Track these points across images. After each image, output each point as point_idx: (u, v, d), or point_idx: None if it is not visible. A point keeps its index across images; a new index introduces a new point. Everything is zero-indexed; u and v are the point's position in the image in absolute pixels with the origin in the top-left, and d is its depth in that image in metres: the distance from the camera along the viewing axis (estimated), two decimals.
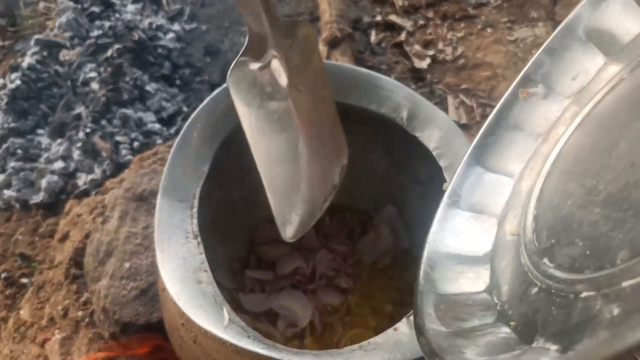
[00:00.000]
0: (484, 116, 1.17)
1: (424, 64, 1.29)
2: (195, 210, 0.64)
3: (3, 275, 1.12)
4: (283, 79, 0.56)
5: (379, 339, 0.53)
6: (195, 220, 0.63)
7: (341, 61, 1.19)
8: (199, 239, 0.62)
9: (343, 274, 0.85)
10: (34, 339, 0.94)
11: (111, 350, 0.80)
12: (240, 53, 0.56)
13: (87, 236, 0.97)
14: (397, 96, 0.72)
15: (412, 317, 0.55)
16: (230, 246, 0.88)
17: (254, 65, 0.57)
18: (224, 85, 0.70)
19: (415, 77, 1.28)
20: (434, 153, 0.68)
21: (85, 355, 0.87)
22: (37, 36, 1.43)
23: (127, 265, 0.89)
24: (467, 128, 1.15)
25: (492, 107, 1.16)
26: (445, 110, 1.19)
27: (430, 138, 0.69)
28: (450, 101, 1.21)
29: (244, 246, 0.90)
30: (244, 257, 0.89)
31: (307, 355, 0.50)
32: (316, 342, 0.80)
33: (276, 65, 0.55)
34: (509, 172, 0.52)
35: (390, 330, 0.54)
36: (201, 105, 0.69)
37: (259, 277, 0.85)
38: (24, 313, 1.00)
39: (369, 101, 0.72)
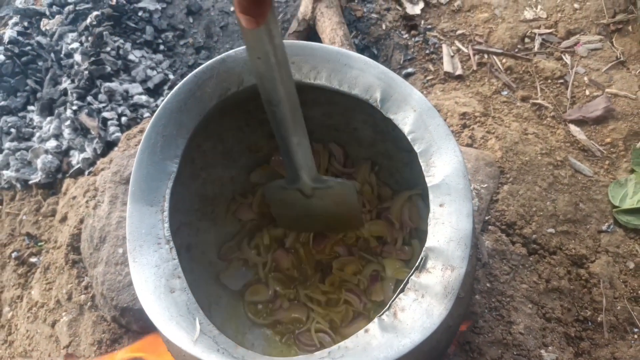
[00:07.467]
0: (481, 64, 1.09)
1: (417, 9, 1.18)
2: (165, 214, 0.62)
3: (14, 254, 1.16)
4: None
5: (349, 342, 0.53)
6: (166, 225, 0.61)
7: (327, 14, 1.11)
8: (171, 243, 0.61)
9: None
10: (44, 319, 0.99)
11: None
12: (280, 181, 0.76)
13: (81, 221, 0.98)
14: (369, 75, 0.67)
15: (383, 317, 0.55)
16: (220, 225, 0.88)
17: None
18: (185, 79, 0.67)
19: (408, 25, 1.18)
20: (409, 137, 0.64)
21: (91, 337, 0.91)
22: (16, 4, 1.39)
23: (120, 250, 0.90)
24: (463, 79, 1.08)
25: (490, 53, 1.07)
26: (440, 60, 1.11)
27: (405, 121, 0.65)
28: (445, 50, 1.12)
29: (234, 224, 0.90)
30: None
31: None
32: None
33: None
34: None
35: (361, 333, 0.54)
36: (162, 103, 0.65)
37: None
38: (35, 293, 1.04)
39: (340, 82, 0.68)
